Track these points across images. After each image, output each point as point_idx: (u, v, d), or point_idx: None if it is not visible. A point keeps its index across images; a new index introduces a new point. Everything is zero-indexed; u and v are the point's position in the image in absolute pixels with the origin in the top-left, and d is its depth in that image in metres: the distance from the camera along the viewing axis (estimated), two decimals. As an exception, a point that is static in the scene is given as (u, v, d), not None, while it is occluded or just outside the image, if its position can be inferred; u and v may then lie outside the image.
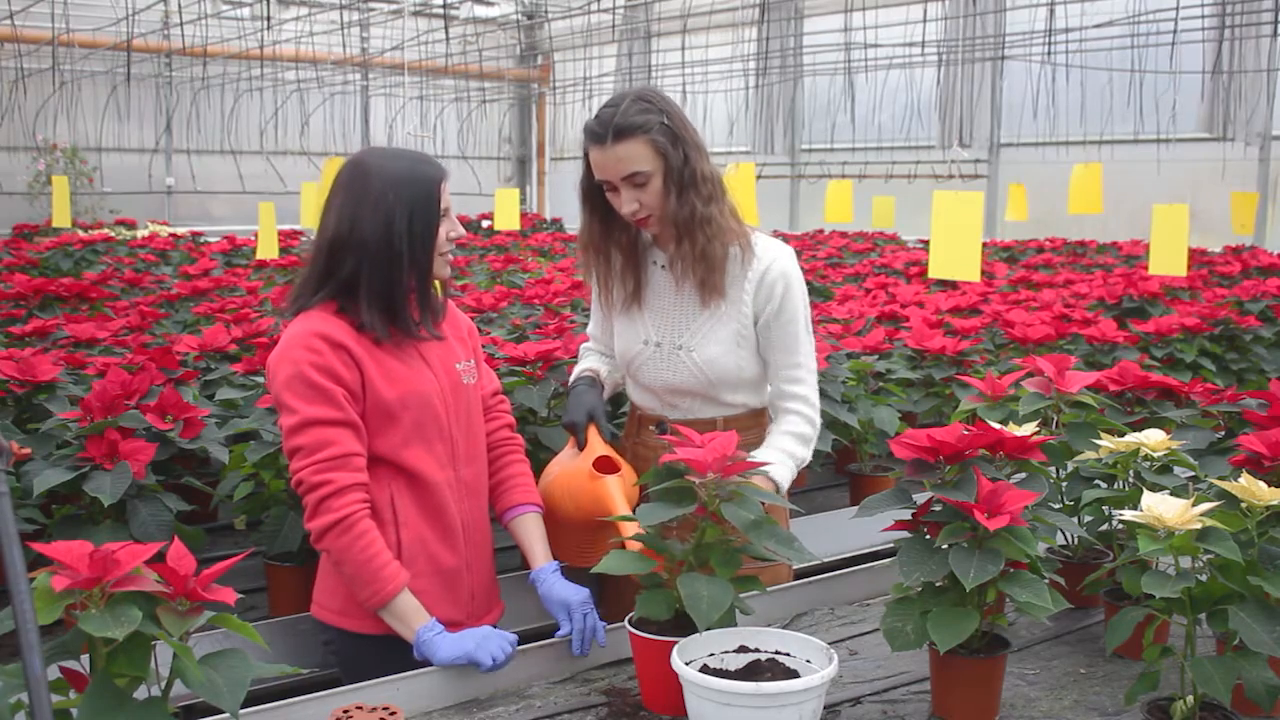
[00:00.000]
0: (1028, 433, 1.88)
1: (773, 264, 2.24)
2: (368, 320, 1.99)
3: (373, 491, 1.98)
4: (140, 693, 1.32)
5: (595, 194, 2.25)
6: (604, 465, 2.22)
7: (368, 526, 1.93)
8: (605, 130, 2.13)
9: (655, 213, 2.19)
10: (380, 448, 2.00)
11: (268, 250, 6.39)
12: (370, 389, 1.99)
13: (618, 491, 2.17)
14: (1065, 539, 2.27)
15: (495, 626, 2.17)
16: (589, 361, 2.47)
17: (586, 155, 2.20)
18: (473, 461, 2.14)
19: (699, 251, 2.19)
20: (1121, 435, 2.08)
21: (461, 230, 2.12)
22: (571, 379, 2.44)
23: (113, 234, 10.09)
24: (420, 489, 2.04)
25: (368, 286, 2.00)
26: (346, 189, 2.03)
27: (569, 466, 2.25)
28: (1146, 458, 2.02)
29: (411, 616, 1.93)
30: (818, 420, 2.30)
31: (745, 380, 2.29)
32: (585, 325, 2.67)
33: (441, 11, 13.18)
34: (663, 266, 2.31)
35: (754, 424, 2.33)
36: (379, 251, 1.99)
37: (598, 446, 2.24)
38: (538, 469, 2.31)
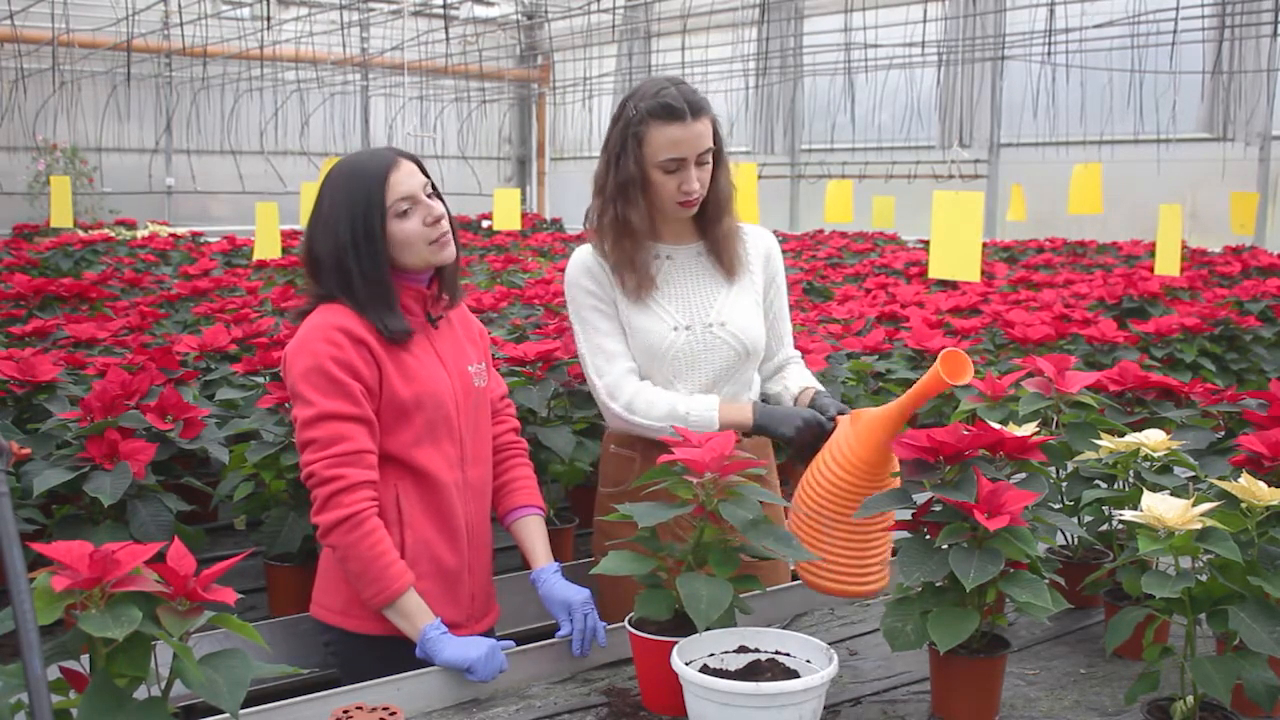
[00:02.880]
0: (1028, 433, 1.88)
1: (767, 239, 2.43)
2: (374, 317, 1.99)
3: (378, 490, 1.98)
4: (140, 693, 1.32)
5: (643, 180, 2.21)
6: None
7: (376, 524, 1.93)
8: (688, 107, 2.16)
9: (705, 192, 2.26)
10: (391, 446, 2.00)
11: (265, 251, 6.37)
12: (387, 386, 1.98)
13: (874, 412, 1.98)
14: (1065, 539, 2.27)
15: (492, 629, 2.18)
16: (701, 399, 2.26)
17: (640, 140, 2.17)
18: (480, 463, 2.14)
19: (731, 227, 2.33)
20: (1121, 435, 2.08)
21: (437, 209, 2.01)
22: (702, 412, 2.21)
23: (113, 234, 10.06)
24: (428, 489, 2.03)
25: (352, 300, 1.98)
26: (312, 207, 2.03)
27: (826, 448, 2.02)
28: (1146, 458, 2.02)
29: (418, 615, 1.92)
30: None
31: (761, 352, 2.38)
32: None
33: (441, 11, 13.17)
34: (668, 258, 2.34)
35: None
36: (338, 269, 1.98)
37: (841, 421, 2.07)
38: (538, 469, 2.30)
